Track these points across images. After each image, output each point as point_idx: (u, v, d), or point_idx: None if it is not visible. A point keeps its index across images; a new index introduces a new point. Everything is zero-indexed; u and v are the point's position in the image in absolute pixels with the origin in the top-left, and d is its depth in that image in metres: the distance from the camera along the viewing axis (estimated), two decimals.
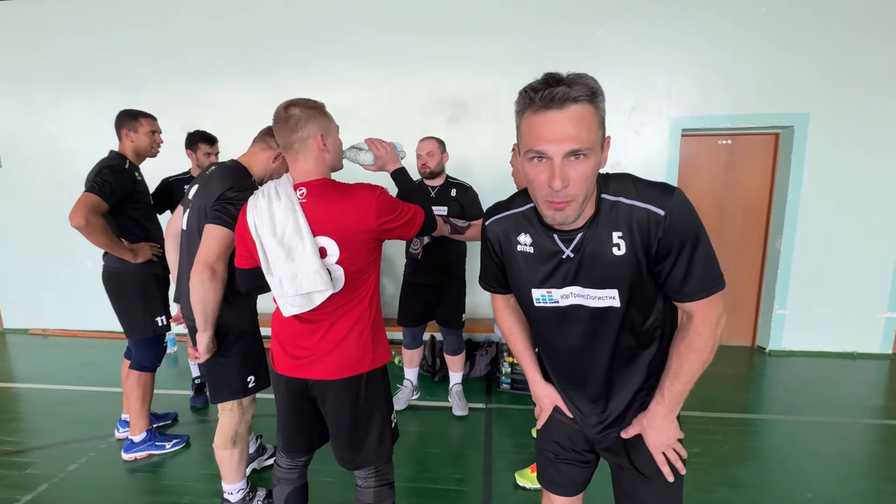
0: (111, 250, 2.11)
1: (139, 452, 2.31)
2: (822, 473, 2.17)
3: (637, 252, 0.88)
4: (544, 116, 0.79)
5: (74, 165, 4.08)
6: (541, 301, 1.00)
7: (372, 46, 3.64)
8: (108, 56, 3.88)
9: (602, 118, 0.82)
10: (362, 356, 1.35)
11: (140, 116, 2.24)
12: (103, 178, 2.04)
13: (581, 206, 0.85)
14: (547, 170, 0.81)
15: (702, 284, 0.90)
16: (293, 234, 1.25)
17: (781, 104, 3.37)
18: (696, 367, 0.95)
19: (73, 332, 4.26)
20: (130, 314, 2.24)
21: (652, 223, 0.85)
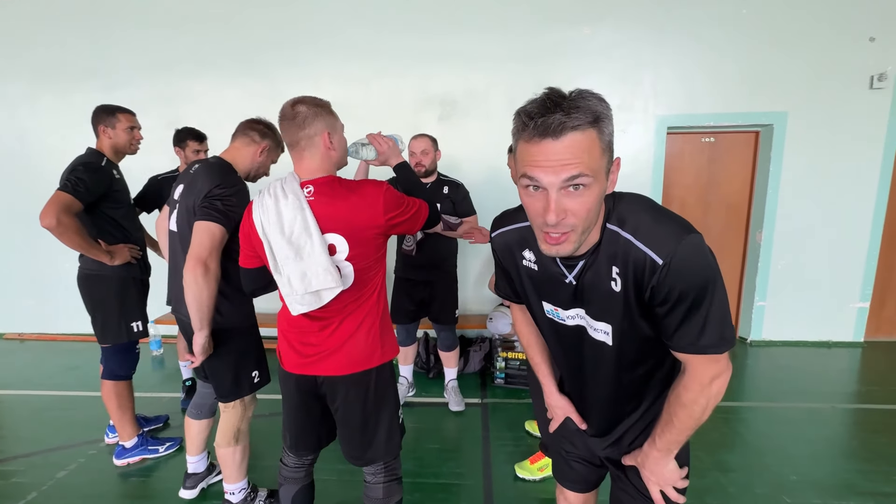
0: (85, 252, 1.99)
1: (132, 458, 2.26)
2: (805, 456, 2.27)
3: (629, 292, 0.81)
4: (539, 146, 0.70)
5: (50, 164, 3.92)
6: (550, 314, 0.97)
7: (362, 43, 3.62)
8: (86, 50, 3.75)
9: (608, 142, 0.73)
10: (371, 351, 1.36)
11: (118, 112, 2.14)
12: (77, 175, 1.94)
13: (581, 238, 0.77)
14: (542, 200, 0.74)
15: (700, 341, 0.79)
16: (301, 233, 1.25)
17: (762, 103, 3.49)
18: (684, 422, 0.88)
19: (52, 336, 4.12)
20: (105, 319, 2.14)
21: (648, 269, 0.77)
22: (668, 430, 0.90)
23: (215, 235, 1.49)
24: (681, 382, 0.87)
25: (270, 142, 1.70)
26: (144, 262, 2.26)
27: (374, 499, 1.45)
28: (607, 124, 0.72)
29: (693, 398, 0.85)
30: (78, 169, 1.97)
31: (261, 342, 1.81)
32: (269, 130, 1.71)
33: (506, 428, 2.58)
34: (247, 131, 1.68)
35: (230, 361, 1.69)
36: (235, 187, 1.55)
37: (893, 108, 3.43)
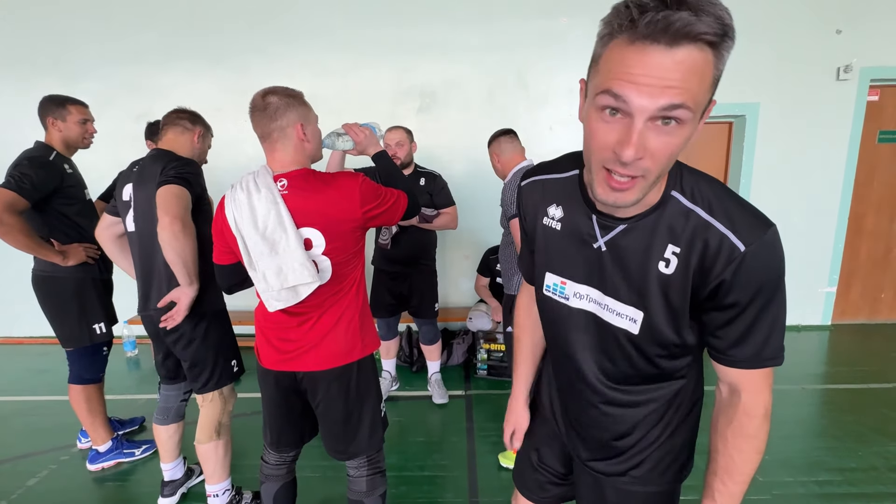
0: (34, 253, 1.88)
1: (106, 462, 2.19)
2: (775, 436, 2.35)
3: (687, 280, 0.67)
4: (642, 53, 0.53)
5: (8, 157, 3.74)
6: (549, 290, 0.82)
7: (339, 33, 3.54)
8: (47, 37, 3.57)
9: (718, 77, 0.57)
10: (352, 345, 1.34)
11: (68, 103, 2.02)
12: (22, 171, 1.82)
13: (648, 189, 0.62)
14: (619, 129, 0.57)
15: (763, 352, 0.69)
16: (276, 227, 1.22)
17: (735, 94, 3.56)
18: (750, 459, 0.74)
19: (17, 340, 3.95)
20: (64, 322, 2.04)
21: (723, 255, 0.64)
22: (730, 479, 0.74)
23: (181, 195, 1.50)
24: (738, 410, 0.73)
25: (201, 127, 1.73)
26: (105, 261, 2.15)
27: (358, 492, 1.44)
28: (728, 50, 0.55)
29: (759, 425, 0.73)
30: (23, 164, 1.86)
31: (233, 329, 1.80)
32: (196, 117, 1.73)
33: (490, 419, 2.59)
34: (176, 121, 1.68)
35: (210, 349, 1.67)
36: (189, 164, 1.59)
37: (858, 99, 3.55)
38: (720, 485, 0.76)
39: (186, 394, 1.89)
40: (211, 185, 1.88)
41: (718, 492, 0.76)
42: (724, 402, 0.76)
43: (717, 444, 0.76)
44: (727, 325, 0.69)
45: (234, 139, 3.37)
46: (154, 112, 2.99)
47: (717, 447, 0.76)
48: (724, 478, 0.76)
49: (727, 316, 0.68)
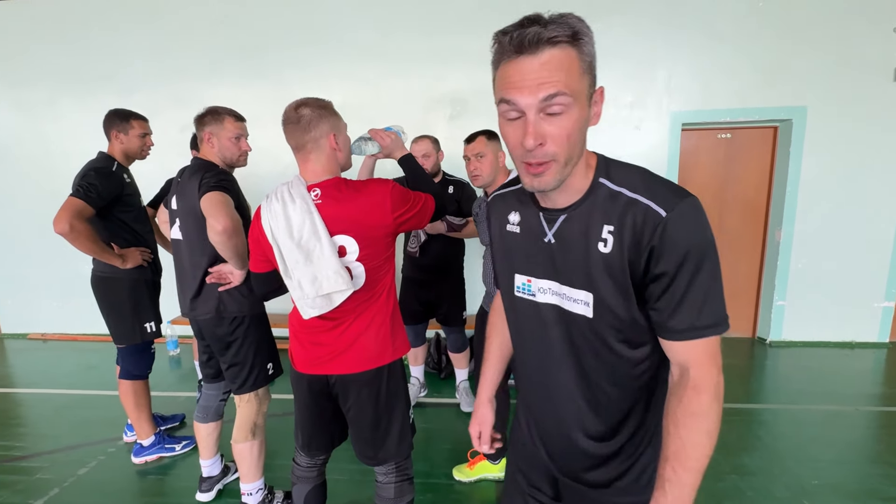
0: (98, 256, 2.03)
1: (149, 456, 2.30)
2: (827, 460, 2.21)
3: (623, 255, 0.72)
4: (515, 65, 0.67)
5: (69, 167, 4.00)
6: (520, 290, 0.87)
7: (372, 43, 3.63)
8: (103, 55, 3.84)
9: (589, 63, 0.68)
10: (383, 348, 1.36)
11: (131, 118, 2.17)
12: (89, 181, 1.97)
13: (563, 171, 0.71)
14: (520, 126, 0.68)
15: (700, 320, 0.71)
16: (311, 237, 1.25)
17: (780, 98, 3.41)
18: (701, 440, 0.71)
19: (72, 336, 4.22)
20: (118, 320, 2.18)
21: (649, 223, 0.69)
22: (681, 465, 0.71)
23: (225, 200, 1.58)
24: (686, 386, 0.72)
25: (209, 128, 1.71)
26: (156, 264, 2.29)
27: (386, 498, 1.45)
28: (587, 44, 0.67)
29: (708, 403, 0.71)
30: (89, 174, 2.01)
31: (272, 332, 1.87)
32: (202, 121, 1.73)
33: None
34: (197, 130, 1.76)
35: (249, 351, 1.75)
36: (221, 172, 1.67)
37: None
38: (671, 472, 0.72)
39: (226, 394, 1.96)
40: (249, 193, 1.96)
41: (669, 480, 0.72)
42: (674, 384, 0.76)
43: (668, 426, 0.74)
44: (662, 295, 0.71)
45: (272, 148, 3.49)
46: None
47: (668, 430, 0.74)
48: (674, 464, 0.72)
49: (661, 286, 0.71)
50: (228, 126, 1.71)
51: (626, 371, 0.80)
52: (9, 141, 4.04)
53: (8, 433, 2.62)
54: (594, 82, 0.70)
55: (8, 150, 4.06)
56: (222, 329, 1.71)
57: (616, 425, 0.83)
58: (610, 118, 3.56)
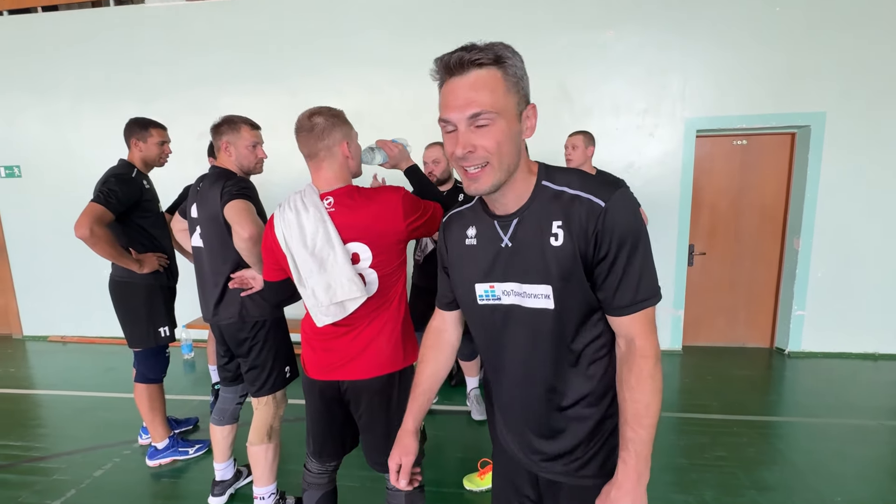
0: (116, 261, 2.07)
1: (163, 458, 2.32)
2: (850, 476, 2.14)
3: (574, 243, 0.81)
4: (448, 86, 0.78)
5: (90, 174, 4.10)
6: (484, 297, 0.92)
7: (385, 51, 3.67)
8: (124, 66, 3.94)
9: (516, 83, 0.78)
10: (395, 355, 1.37)
11: (150, 126, 2.22)
12: (109, 187, 2.03)
13: (498, 175, 0.79)
14: (455, 138, 0.78)
15: (638, 294, 0.81)
16: (324, 245, 1.27)
17: (797, 104, 3.35)
18: (652, 399, 0.81)
19: (91, 339, 4.31)
20: (133, 324, 2.22)
21: (591, 214, 0.79)
22: (639, 424, 0.80)
23: (249, 208, 1.63)
24: (635, 355, 0.82)
25: (226, 137, 1.74)
26: (172, 269, 2.34)
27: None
28: (511, 66, 0.77)
29: (654, 366, 0.81)
30: (110, 181, 2.06)
31: (290, 337, 1.89)
32: (218, 130, 1.75)
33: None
34: (213, 141, 1.79)
35: (269, 354, 1.77)
36: (241, 180, 1.71)
37: None
38: (632, 433, 0.82)
39: (242, 397, 1.99)
40: (264, 199, 1.98)
41: (631, 440, 0.82)
42: (623, 355, 0.85)
43: (623, 394, 0.83)
44: (607, 276, 0.81)
45: (286, 155, 3.53)
46: None
47: (623, 397, 0.83)
48: (633, 425, 0.81)
49: (605, 267, 0.81)
50: (245, 134, 1.74)
51: (586, 353, 0.88)
52: (33, 149, 4.17)
53: (29, 434, 2.68)
54: (525, 100, 0.80)
55: (32, 157, 4.19)
56: (244, 333, 1.74)
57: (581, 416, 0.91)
58: (623, 125, 3.54)
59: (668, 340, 3.79)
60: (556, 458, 0.94)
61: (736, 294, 3.81)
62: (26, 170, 4.22)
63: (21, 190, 4.24)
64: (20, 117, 4.13)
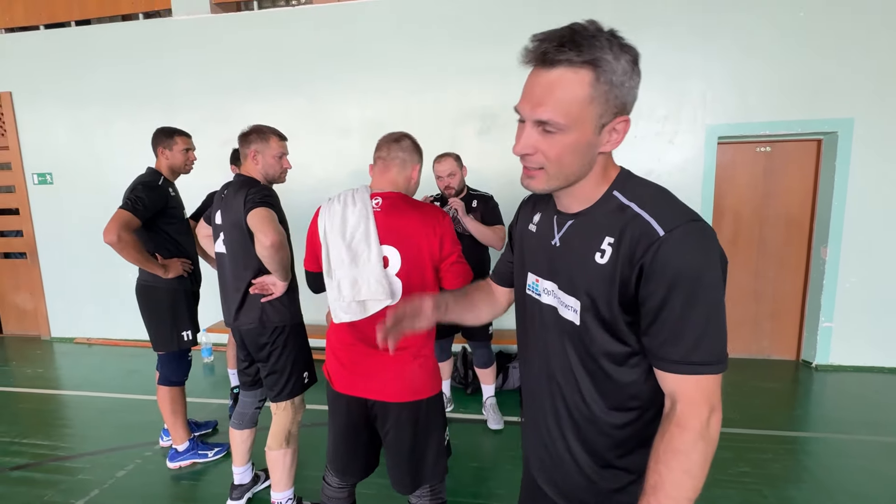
0: (142, 266, 2.13)
1: (183, 461, 2.36)
2: (880, 496, 2.05)
3: (616, 269, 0.70)
4: (533, 73, 0.70)
5: (119, 181, 4.24)
6: (530, 289, 0.88)
7: (403, 59, 3.71)
8: (152, 77, 4.07)
9: (606, 91, 0.66)
10: (425, 381, 1.38)
11: (175, 134, 2.29)
12: (137, 194, 2.09)
13: (553, 183, 0.73)
14: (520, 132, 0.73)
15: (694, 354, 0.66)
16: (362, 240, 1.29)
17: (823, 110, 3.27)
18: (679, 478, 0.66)
19: (115, 342, 4.42)
20: (158, 328, 2.28)
21: (644, 240, 0.67)
22: (658, 497, 0.67)
23: (271, 216, 1.65)
24: (671, 421, 0.68)
25: (254, 146, 1.77)
26: (195, 274, 2.39)
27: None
28: (609, 72, 0.66)
29: (691, 442, 0.66)
30: (138, 188, 2.13)
31: (308, 342, 1.92)
32: (246, 139, 1.79)
33: None
34: (240, 148, 1.82)
35: (289, 360, 1.80)
36: (264, 188, 1.74)
37: None
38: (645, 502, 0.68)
39: (261, 401, 2.01)
40: (284, 207, 2.02)
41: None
42: (664, 415, 0.72)
43: (650, 460, 0.70)
44: (654, 320, 0.68)
45: (306, 163, 3.61)
46: (236, 139, 3.28)
47: (649, 462, 0.70)
48: (650, 498, 0.67)
49: (652, 309, 0.68)
50: (273, 145, 1.80)
51: (615, 391, 0.77)
52: (66, 157, 4.33)
53: (56, 433, 2.75)
54: (614, 111, 0.69)
55: (65, 165, 4.35)
56: (264, 338, 1.77)
57: (610, 447, 0.79)
58: (643, 132, 3.51)
59: None
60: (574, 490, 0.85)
61: (760, 304, 3.71)
62: (58, 176, 4.38)
63: (53, 196, 4.40)
64: (53, 126, 4.30)
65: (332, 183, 3.90)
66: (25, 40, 4.22)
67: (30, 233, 4.45)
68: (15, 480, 2.28)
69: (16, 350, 4.33)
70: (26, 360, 4.06)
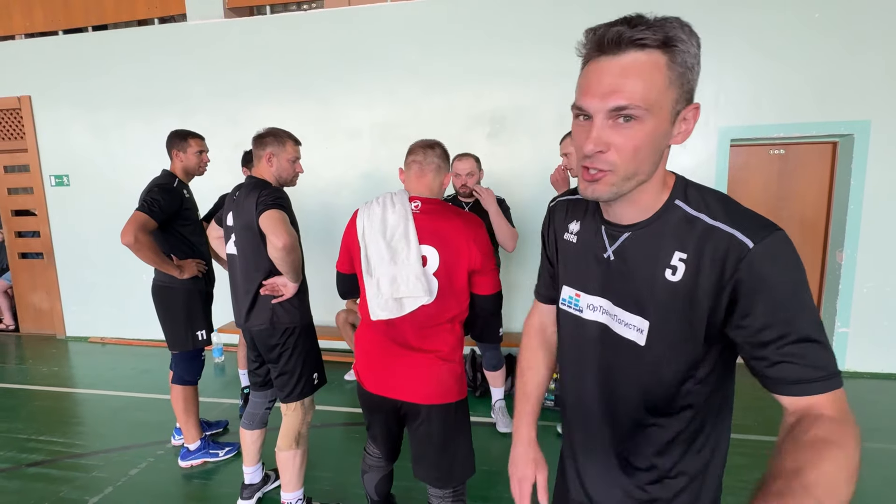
0: (158, 267, 2.16)
1: (195, 460, 2.39)
2: None
3: (696, 287, 0.65)
4: (594, 65, 0.63)
5: (134, 183, 4.32)
6: (565, 303, 0.82)
7: (413, 62, 3.73)
8: (166, 81, 4.15)
9: (681, 75, 0.62)
10: (452, 385, 1.39)
11: (189, 137, 2.33)
12: (153, 196, 2.12)
13: (621, 185, 0.66)
14: (587, 129, 0.64)
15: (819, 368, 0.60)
16: (401, 238, 1.33)
17: (839, 112, 3.22)
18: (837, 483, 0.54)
19: (128, 341, 4.49)
20: (173, 328, 2.31)
21: (732, 254, 0.62)
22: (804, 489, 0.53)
23: (282, 218, 1.66)
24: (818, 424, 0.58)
25: (270, 149, 1.79)
26: (209, 275, 2.42)
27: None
28: (683, 53, 0.62)
29: (850, 433, 0.57)
30: (154, 190, 2.16)
31: (318, 343, 1.93)
32: (262, 141, 1.80)
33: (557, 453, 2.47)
34: (255, 149, 1.82)
35: (299, 361, 1.81)
36: (276, 190, 1.74)
37: None
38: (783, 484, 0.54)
39: (271, 402, 2.03)
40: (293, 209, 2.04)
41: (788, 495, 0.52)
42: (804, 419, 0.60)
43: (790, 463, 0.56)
44: (758, 341, 0.62)
45: (316, 165, 3.64)
46: (248, 141, 3.32)
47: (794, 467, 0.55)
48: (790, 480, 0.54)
49: (752, 329, 0.62)
50: (289, 148, 1.83)
51: (669, 403, 0.73)
52: (83, 159, 4.41)
53: (71, 431, 2.80)
54: (687, 97, 0.64)
55: (82, 167, 4.43)
56: (274, 339, 1.78)
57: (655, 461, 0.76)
58: None
59: None
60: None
61: None
62: (74, 179, 4.46)
63: (69, 198, 4.48)
64: (70, 129, 4.39)
65: (340, 185, 3.93)
66: (44, 45, 4.32)
67: (46, 233, 4.54)
68: (31, 477, 2.32)
69: (32, 349, 4.41)
70: (42, 358, 4.14)
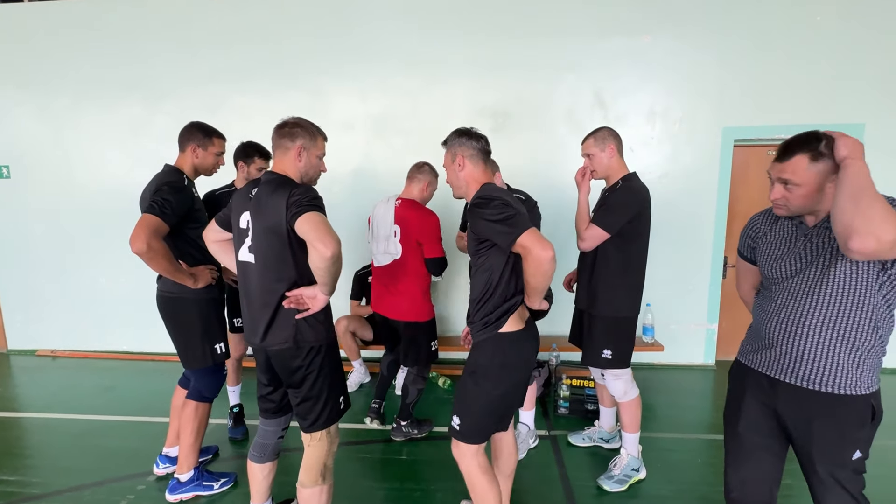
0: (171, 276, 1.85)
1: (185, 493, 2.07)
2: None
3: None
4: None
5: (88, 174, 3.84)
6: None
7: (411, 52, 3.50)
8: (129, 59, 3.68)
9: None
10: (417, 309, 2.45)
11: (214, 136, 2.07)
12: (163, 196, 1.81)
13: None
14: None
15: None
16: (386, 220, 2.39)
17: (837, 114, 3.30)
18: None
19: (85, 354, 3.97)
20: (188, 343, 2.01)
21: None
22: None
23: (325, 221, 1.44)
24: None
25: (302, 140, 1.55)
26: (220, 281, 2.13)
27: None
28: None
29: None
30: (163, 189, 1.84)
31: (342, 363, 1.69)
32: (293, 133, 1.55)
33: (581, 466, 2.35)
34: (279, 140, 1.57)
35: (325, 384, 1.57)
36: (309, 189, 1.50)
37: None
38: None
39: (284, 430, 1.76)
40: None
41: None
42: None
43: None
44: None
45: None
46: (227, 131, 2.97)
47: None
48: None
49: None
50: (320, 144, 1.61)
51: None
52: (26, 147, 3.85)
53: (21, 466, 2.38)
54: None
55: (24, 156, 3.87)
56: (298, 360, 1.52)
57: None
58: (658, 133, 3.45)
59: (702, 355, 3.69)
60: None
61: None
62: (15, 170, 3.90)
63: (10, 192, 3.91)
64: (9, 114, 3.82)
65: (333, 180, 3.63)
66: None
67: None
68: None
69: None
70: None
